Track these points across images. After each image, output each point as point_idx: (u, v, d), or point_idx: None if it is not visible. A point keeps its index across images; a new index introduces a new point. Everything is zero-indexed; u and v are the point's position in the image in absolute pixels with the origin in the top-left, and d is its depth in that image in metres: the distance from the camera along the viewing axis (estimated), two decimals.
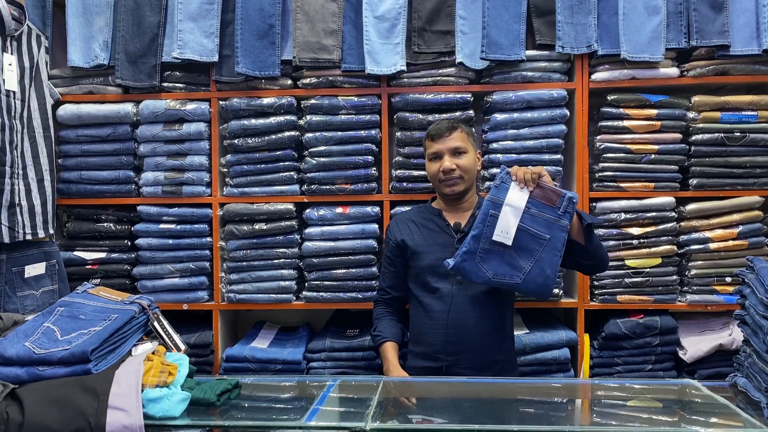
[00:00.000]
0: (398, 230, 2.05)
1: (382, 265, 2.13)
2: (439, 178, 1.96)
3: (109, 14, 2.44)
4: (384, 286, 2.10)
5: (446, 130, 1.96)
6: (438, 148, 1.96)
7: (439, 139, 1.96)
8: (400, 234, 2.03)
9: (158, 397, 1.30)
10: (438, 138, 1.97)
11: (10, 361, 1.31)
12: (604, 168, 2.37)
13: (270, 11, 2.40)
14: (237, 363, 2.36)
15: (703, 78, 2.33)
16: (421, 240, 2.00)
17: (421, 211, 2.09)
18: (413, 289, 2.01)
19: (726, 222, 2.33)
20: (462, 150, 1.96)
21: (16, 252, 2.12)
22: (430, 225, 2.02)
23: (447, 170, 1.94)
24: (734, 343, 2.26)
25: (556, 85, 2.37)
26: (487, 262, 1.76)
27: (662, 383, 1.71)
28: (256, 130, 2.41)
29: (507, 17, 2.36)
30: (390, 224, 2.12)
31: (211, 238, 2.46)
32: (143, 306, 1.50)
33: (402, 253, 2.03)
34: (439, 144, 1.96)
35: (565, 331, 2.37)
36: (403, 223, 2.08)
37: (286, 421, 1.35)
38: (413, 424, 1.28)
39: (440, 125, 1.99)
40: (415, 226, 2.04)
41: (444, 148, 1.95)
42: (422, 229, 2.02)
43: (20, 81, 2.14)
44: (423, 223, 2.04)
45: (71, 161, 2.48)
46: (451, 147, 1.95)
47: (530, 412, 1.37)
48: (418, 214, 2.08)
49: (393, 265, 2.06)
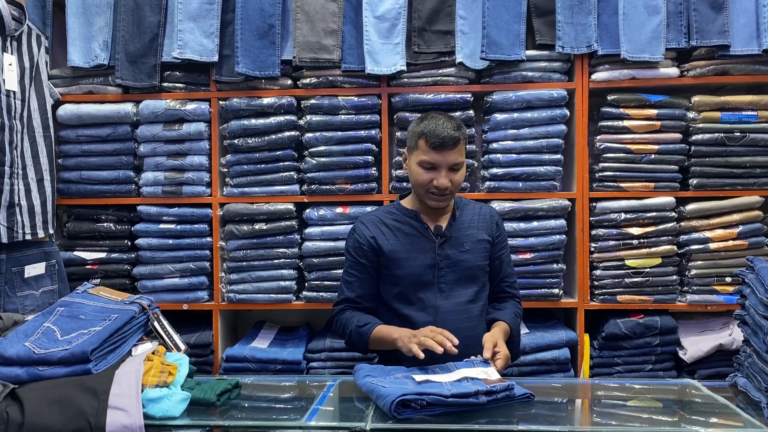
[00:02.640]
0: (370, 232, 1.81)
1: (346, 274, 1.84)
2: (429, 189, 1.73)
3: (109, 14, 2.44)
4: (353, 297, 1.81)
5: (451, 143, 1.69)
6: (437, 160, 1.70)
7: (441, 151, 1.69)
8: (373, 237, 1.80)
9: (158, 397, 1.30)
10: (440, 149, 1.69)
11: (10, 361, 1.31)
12: (604, 168, 2.37)
13: (270, 11, 2.40)
14: (237, 363, 2.36)
15: (703, 78, 2.33)
16: (398, 245, 1.78)
17: (392, 213, 1.86)
18: (389, 300, 1.80)
19: (726, 222, 2.33)
20: (459, 165, 1.74)
21: (16, 252, 2.12)
22: (407, 228, 1.80)
23: (443, 187, 1.72)
24: (734, 343, 2.26)
25: (556, 85, 2.37)
26: None
27: (662, 383, 1.71)
28: (256, 130, 2.41)
29: (507, 17, 2.36)
30: (356, 226, 1.86)
31: (211, 238, 2.46)
32: (143, 306, 1.50)
33: (375, 258, 1.79)
34: (440, 156, 1.70)
35: (565, 331, 2.38)
36: (373, 225, 1.83)
37: (286, 421, 1.35)
38: (413, 424, 1.28)
39: (444, 134, 1.68)
40: (387, 229, 1.81)
41: (443, 162, 1.70)
42: (397, 232, 1.80)
43: (20, 81, 2.14)
44: (397, 227, 1.81)
45: (71, 161, 2.48)
46: (452, 162, 1.71)
47: (530, 412, 1.37)
48: (388, 216, 1.84)
49: (365, 271, 1.80)
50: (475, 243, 1.84)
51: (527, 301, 2.37)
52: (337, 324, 1.84)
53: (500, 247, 1.90)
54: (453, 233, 1.82)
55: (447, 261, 1.79)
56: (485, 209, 1.92)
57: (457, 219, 1.85)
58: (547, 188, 2.39)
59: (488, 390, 1.36)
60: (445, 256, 1.79)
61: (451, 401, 1.32)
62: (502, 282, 1.91)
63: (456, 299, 1.78)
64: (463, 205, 1.91)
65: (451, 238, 1.81)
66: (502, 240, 1.92)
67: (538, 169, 2.37)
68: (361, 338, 1.74)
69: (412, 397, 1.31)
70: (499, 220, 1.93)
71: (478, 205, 1.93)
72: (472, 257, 1.82)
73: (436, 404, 1.32)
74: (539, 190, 2.39)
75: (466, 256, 1.81)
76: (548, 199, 2.37)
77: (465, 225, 1.85)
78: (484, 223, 1.88)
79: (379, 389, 1.38)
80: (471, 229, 1.85)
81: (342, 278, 1.86)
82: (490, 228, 1.88)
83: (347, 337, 1.79)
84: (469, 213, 1.89)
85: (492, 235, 1.88)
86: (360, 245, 1.81)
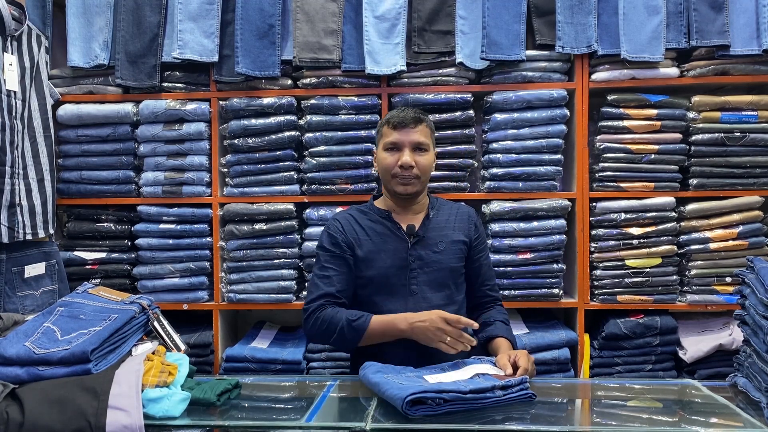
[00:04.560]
0: (344, 229, 1.79)
1: (321, 269, 1.77)
2: (394, 172, 1.74)
3: (109, 14, 2.44)
4: (333, 291, 1.73)
5: (412, 121, 1.74)
6: (399, 138, 1.74)
7: (402, 129, 1.73)
8: (348, 234, 1.78)
9: (158, 397, 1.30)
10: (401, 128, 1.73)
11: (10, 361, 1.31)
12: (604, 168, 2.37)
13: (270, 11, 2.40)
14: (237, 363, 2.36)
15: (703, 78, 2.33)
16: (370, 245, 1.76)
17: (364, 212, 1.84)
18: (360, 303, 1.77)
19: (726, 222, 2.33)
20: (424, 147, 1.75)
21: (16, 252, 2.12)
22: (379, 228, 1.79)
23: (406, 165, 1.71)
24: (734, 343, 2.26)
25: (556, 85, 2.37)
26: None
27: (662, 383, 1.71)
28: (256, 130, 2.41)
29: (507, 17, 2.36)
30: (330, 224, 1.83)
31: (211, 238, 2.46)
32: (143, 306, 1.50)
33: (353, 254, 1.76)
34: (401, 135, 1.73)
35: (565, 331, 2.37)
36: (347, 222, 1.81)
37: (286, 421, 1.35)
38: (413, 424, 1.28)
39: (405, 114, 1.75)
40: (360, 228, 1.79)
41: (406, 140, 1.73)
42: (370, 232, 1.78)
43: (20, 81, 2.14)
44: (369, 226, 1.79)
45: (71, 161, 2.48)
46: (414, 141, 1.74)
47: (530, 412, 1.37)
48: (361, 216, 1.83)
49: (344, 265, 1.75)
50: (450, 244, 1.80)
51: (527, 301, 2.38)
52: (316, 322, 1.70)
53: (479, 250, 1.86)
54: (426, 233, 1.79)
55: (419, 262, 1.76)
56: (463, 209, 1.89)
57: (432, 219, 1.82)
58: (547, 188, 2.39)
59: (504, 384, 1.37)
60: (418, 256, 1.76)
61: (469, 397, 1.32)
62: (483, 286, 1.87)
63: (429, 302, 1.73)
64: (440, 205, 1.88)
65: (424, 238, 1.78)
66: (481, 242, 1.88)
67: (538, 169, 2.37)
68: (356, 333, 1.66)
69: (432, 395, 1.30)
70: (478, 221, 1.90)
71: (456, 206, 1.90)
72: (445, 258, 1.78)
73: (456, 401, 1.31)
74: (539, 190, 2.39)
75: (440, 257, 1.78)
76: (548, 199, 2.37)
77: (440, 225, 1.82)
78: (461, 223, 1.85)
79: (393, 385, 1.37)
80: (446, 230, 1.82)
81: (315, 275, 1.77)
82: (468, 229, 1.84)
83: (336, 335, 1.67)
84: (445, 213, 1.85)
85: (470, 237, 1.84)
86: (337, 240, 1.78)
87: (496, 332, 1.76)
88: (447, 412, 1.31)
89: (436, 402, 1.30)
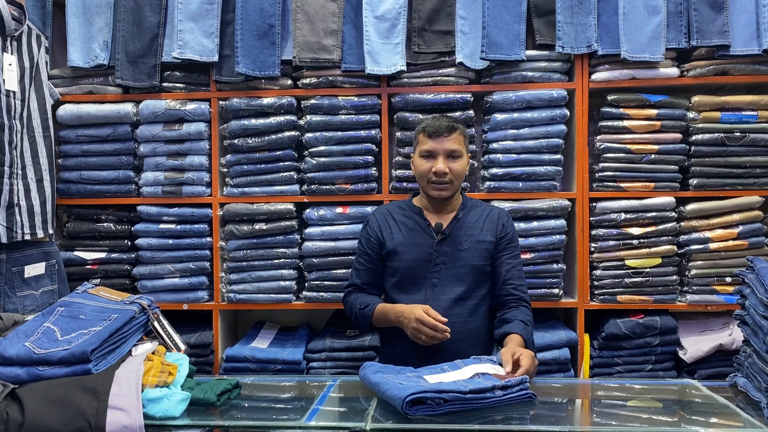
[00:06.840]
0: (378, 226, 1.97)
1: (356, 261, 2.03)
2: (429, 178, 1.87)
3: (109, 14, 2.44)
4: (359, 283, 1.99)
5: (446, 130, 1.86)
6: (434, 147, 1.86)
7: (436, 138, 1.86)
8: (380, 230, 1.96)
9: (158, 397, 1.30)
10: (436, 136, 1.86)
11: (10, 361, 1.31)
12: (604, 168, 2.37)
13: (270, 11, 2.40)
14: (237, 363, 2.35)
15: (703, 78, 2.33)
16: (400, 239, 1.92)
17: (401, 208, 2.00)
18: (388, 290, 1.95)
19: (726, 222, 2.33)
20: (457, 154, 1.88)
21: (16, 252, 2.12)
22: (410, 223, 1.94)
23: (440, 173, 1.85)
24: (734, 343, 2.26)
25: (556, 85, 2.37)
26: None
27: (662, 383, 1.71)
28: (256, 130, 2.41)
29: (507, 17, 2.36)
30: (370, 219, 2.02)
31: (211, 238, 2.46)
32: (143, 306, 1.50)
33: (380, 250, 1.95)
34: (436, 143, 1.86)
35: (565, 331, 2.37)
36: (382, 218, 1.99)
37: (286, 421, 1.35)
38: (413, 424, 1.28)
39: (440, 123, 1.88)
40: (395, 223, 1.96)
41: (440, 149, 1.86)
42: (402, 227, 1.95)
43: (20, 81, 2.14)
44: (403, 221, 1.96)
45: (71, 161, 2.48)
46: (448, 149, 1.86)
47: (530, 412, 1.37)
48: (398, 211, 1.99)
49: (370, 261, 1.97)
50: (475, 243, 1.90)
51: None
52: (345, 305, 2.02)
53: (502, 248, 1.92)
54: (453, 231, 1.90)
55: (443, 258, 1.88)
56: (494, 211, 1.98)
57: (461, 219, 1.92)
58: (547, 188, 2.39)
59: (504, 385, 1.37)
60: (442, 252, 1.89)
61: (469, 397, 1.33)
62: (506, 285, 1.91)
63: (447, 295, 1.86)
64: (472, 206, 1.97)
65: (450, 236, 1.89)
66: (507, 241, 1.94)
67: (538, 169, 2.37)
68: (365, 319, 1.90)
69: (432, 395, 1.31)
70: (507, 221, 1.97)
71: (488, 208, 1.99)
72: (468, 256, 1.88)
73: (455, 401, 1.32)
74: (539, 190, 2.39)
75: (463, 254, 1.88)
76: (548, 199, 2.37)
77: (468, 225, 1.92)
78: (491, 224, 1.93)
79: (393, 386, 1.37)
80: (474, 230, 1.92)
81: (353, 264, 2.04)
82: (495, 229, 1.93)
83: (353, 318, 1.96)
84: (476, 215, 1.95)
85: (496, 236, 1.91)
86: (369, 238, 1.97)
87: (511, 329, 1.80)
88: (447, 412, 1.31)
89: (435, 402, 1.31)
